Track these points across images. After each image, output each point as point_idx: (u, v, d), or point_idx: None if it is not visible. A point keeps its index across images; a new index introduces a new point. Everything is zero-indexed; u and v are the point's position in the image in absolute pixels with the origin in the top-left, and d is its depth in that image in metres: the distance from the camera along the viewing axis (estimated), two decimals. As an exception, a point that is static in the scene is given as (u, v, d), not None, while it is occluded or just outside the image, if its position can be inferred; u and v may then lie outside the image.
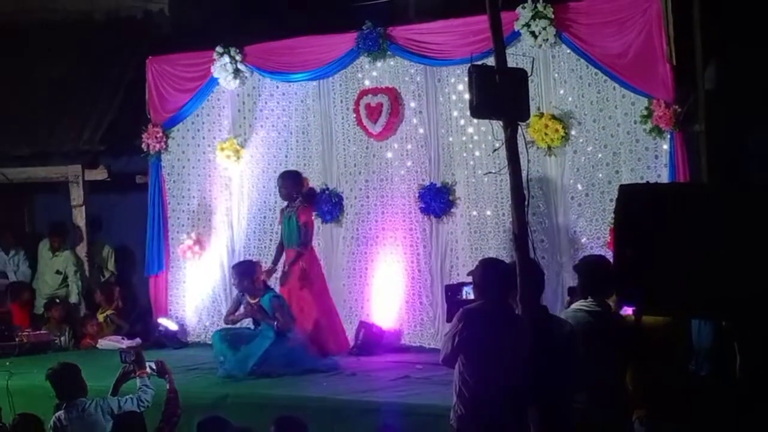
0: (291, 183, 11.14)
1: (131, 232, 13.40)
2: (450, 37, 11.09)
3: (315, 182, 11.88)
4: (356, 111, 11.63)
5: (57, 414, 7.61)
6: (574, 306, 7.13)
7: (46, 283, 13.20)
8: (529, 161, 6.82)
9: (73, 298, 13.06)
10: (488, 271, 6.82)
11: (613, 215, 8.34)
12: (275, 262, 11.19)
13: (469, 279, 7.47)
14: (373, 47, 11.42)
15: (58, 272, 13.15)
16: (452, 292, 10.18)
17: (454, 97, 11.18)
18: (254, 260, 11.02)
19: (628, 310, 7.20)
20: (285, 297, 10.57)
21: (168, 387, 7.76)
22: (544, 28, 10.41)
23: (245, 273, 10.41)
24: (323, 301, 11.07)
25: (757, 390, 6.87)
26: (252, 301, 10.28)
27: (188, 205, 12.74)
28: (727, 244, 5.90)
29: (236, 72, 12.14)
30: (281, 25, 12.23)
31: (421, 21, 11.57)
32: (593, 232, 10.44)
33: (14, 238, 13.54)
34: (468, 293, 9.09)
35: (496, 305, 6.66)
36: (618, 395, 6.86)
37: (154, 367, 7.90)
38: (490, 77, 6.21)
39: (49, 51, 13.91)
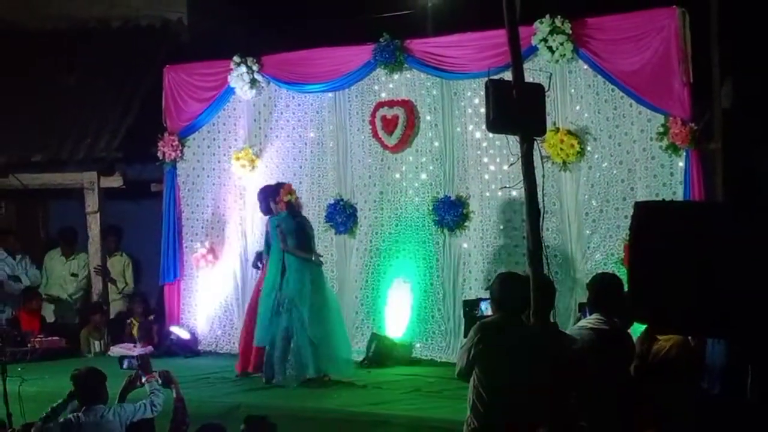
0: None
1: (144, 240, 13.42)
2: (466, 50, 11.09)
3: (329, 193, 11.91)
4: (372, 123, 11.64)
5: (76, 413, 7.54)
6: (580, 323, 7.12)
7: (62, 288, 13.22)
8: (544, 176, 6.77)
9: (94, 299, 13.10)
10: (506, 285, 6.78)
11: (627, 232, 8.31)
12: None
13: (486, 294, 7.43)
14: (390, 59, 11.43)
15: (74, 275, 13.18)
16: (470, 307, 10.20)
17: (469, 111, 11.17)
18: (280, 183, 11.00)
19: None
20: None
21: (175, 396, 7.74)
22: (562, 44, 10.41)
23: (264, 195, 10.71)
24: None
25: (770, 409, 6.83)
26: None
27: (202, 214, 12.76)
28: (741, 263, 5.86)
29: (253, 82, 12.16)
30: (298, 35, 12.26)
31: (438, 34, 11.57)
32: (607, 249, 10.41)
33: (17, 242, 13.41)
34: (486, 308, 9.07)
35: (512, 319, 6.64)
36: (622, 414, 6.82)
37: (159, 378, 7.88)
38: (507, 92, 6.21)
39: (67, 58, 13.94)
